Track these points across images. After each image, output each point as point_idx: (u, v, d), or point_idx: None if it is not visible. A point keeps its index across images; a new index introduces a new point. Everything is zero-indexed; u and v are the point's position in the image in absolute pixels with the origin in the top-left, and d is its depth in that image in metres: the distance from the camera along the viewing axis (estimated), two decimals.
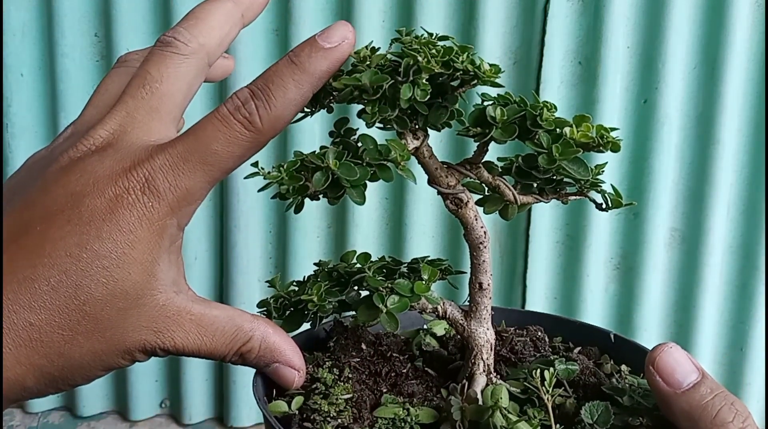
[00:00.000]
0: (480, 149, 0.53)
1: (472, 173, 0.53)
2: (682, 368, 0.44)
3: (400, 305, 0.50)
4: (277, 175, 0.47)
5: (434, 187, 0.53)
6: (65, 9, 1.37)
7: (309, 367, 0.54)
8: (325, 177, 0.47)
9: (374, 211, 1.46)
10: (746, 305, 1.46)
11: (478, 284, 0.54)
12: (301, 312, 0.53)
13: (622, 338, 0.59)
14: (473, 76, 0.49)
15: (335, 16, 1.38)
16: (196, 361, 1.55)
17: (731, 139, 1.37)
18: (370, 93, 0.48)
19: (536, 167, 0.51)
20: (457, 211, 0.53)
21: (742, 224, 1.44)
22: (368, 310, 0.50)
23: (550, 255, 1.46)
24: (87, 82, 1.42)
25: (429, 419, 0.50)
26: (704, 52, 1.35)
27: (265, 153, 1.43)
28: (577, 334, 0.61)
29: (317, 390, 0.51)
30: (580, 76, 1.37)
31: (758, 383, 1.48)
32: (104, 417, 1.61)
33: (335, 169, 0.47)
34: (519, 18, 1.36)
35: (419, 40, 0.49)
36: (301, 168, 0.48)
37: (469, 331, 0.54)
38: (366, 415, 0.49)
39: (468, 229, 0.54)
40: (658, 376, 0.44)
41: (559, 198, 0.55)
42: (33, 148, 1.45)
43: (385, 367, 0.54)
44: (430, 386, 0.54)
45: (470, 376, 0.53)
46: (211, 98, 1.42)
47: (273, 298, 0.56)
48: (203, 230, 1.48)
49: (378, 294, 0.50)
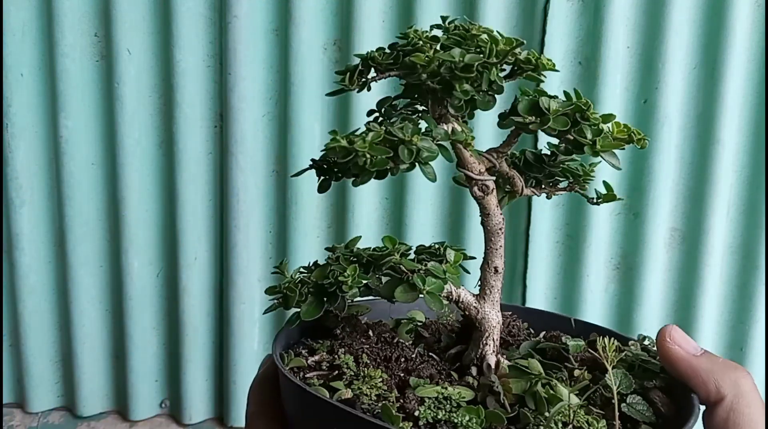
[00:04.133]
0: (509, 140, 0.55)
1: (497, 162, 0.55)
2: (690, 340, 0.53)
3: (437, 286, 0.51)
4: (362, 145, 0.46)
5: (464, 171, 0.54)
6: (65, 9, 1.37)
7: (324, 354, 0.54)
8: (408, 151, 0.47)
9: (374, 211, 1.46)
10: (746, 305, 1.46)
11: (494, 268, 0.56)
12: (324, 295, 0.53)
13: (582, 322, 0.63)
14: (534, 66, 0.52)
15: (335, 16, 1.38)
16: (196, 361, 1.55)
17: (731, 139, 1.37)
18: (461, 70, 0.49)
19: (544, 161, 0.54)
20: (483, 197, 0.55)
21: (742, 224, 1.44)
22: (408, 291, 0.51)
23: (550, 255, 1.46)
24: (87, 82, 1.42)
25: (469, 396, 0.51)
26: (704, 52, 1.35)
27: (264, 153, 1.43)
28: (539, 321, 0.64)
29: (345, 375, 0.52)
30: (580, 76, 1.37)
31: (758, 383, 1.48)
32: (104, 417, 1.61)
33: (417, 143, 0.47)
34: (519, 18, 1.36)
35: (477, 28, 0.51)
36: (383, 141, 0.48)
37: (483, 313, 0.55)
38: (410, 395, 0.50)
39: (489, 216, 0.55)
40: (675, 344, 0.52)
41: (549, 192, 0.58)
42: (33, 148, 1.45)
43: (395, 352, 0.56)
44: (440, 369, 0.55)
45: (482, 356, 0.55)
46: (211, 98, 1.43)
47: (288, 283, 0.55)
48: (203, 230, 1.48)
49: (418, 275, 0.51)
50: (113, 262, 1.52)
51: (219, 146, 1.45)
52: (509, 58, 0.51)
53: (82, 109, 1.43)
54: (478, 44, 0.50)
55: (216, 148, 1.45)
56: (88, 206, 1.48)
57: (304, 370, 0.54)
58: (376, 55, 0.51)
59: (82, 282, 1.51)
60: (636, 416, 0.50)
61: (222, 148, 1.44)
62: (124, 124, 1.42)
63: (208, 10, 1.39)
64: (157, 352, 1.57)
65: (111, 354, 1.59)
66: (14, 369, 1.61)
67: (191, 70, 1.39)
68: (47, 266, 1.53)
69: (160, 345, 1.57)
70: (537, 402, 0.49)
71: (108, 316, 1.56)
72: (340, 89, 0.52)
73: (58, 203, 1.48)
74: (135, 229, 1.47)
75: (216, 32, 1.40)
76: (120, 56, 1.39)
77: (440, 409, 0.49)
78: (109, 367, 1.59)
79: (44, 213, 1.50)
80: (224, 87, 1.40)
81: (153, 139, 1.45)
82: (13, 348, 1.59)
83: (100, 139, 1.46)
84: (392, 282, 0.53)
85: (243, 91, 1.39)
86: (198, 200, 1.46)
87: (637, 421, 0.50)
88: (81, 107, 1.43)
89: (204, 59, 1.40)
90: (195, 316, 1.52)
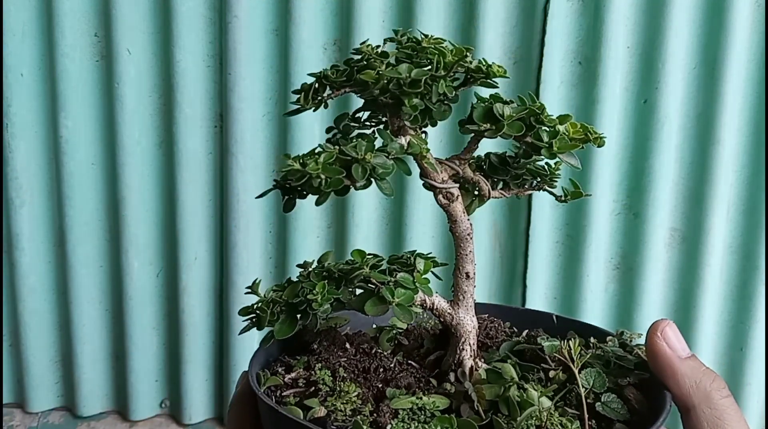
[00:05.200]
0: (470, 146, 0.55)
1: (460, 169, 0.56)
2: (682, 342, 0.52)
3: (407, 297, 0.51)
4: (314, 167, 0.47)
5: (427, 181, 0.54)
6: (65, 9, 1.37)
7: (301, 370, 0.54)
8: (362, 169, 0.48)
9: (374, 211, 1.46)
10: (746, 305, 1.46)
11: (465, 274, 0.56)
12: (296, 314, 0.54)
13: (564, 318, 0.63)
14: (484, 74, 0.52)
15: (335, 16, 1.38)
16: (196, 361, 1.55)
17: (731, 139, 1.37)
18: (409, 86, 0.49)
19: (509, 163, 0.55)
20: (448, 205, 0.55)
21: (742, 224, 1.44)
22: (378, 304, 0.51)
23: (550, 255, 1.46)
24: (87, 82, 1.42)
25: (444, 405, 0.51)
26: (704, 52, 1.35)
27: (264, 153, 1.43)
28: (521, 319, 0.64)
29: (321, 391, 0.52)
30: (580, 76, 1.37)
31: (758, 383, 1.48)
32: (104, 417, 1.61)
33: (370, 160, 0.48)
34: (519, 18, 1.36)
35: (428, 40, 0.51)
36: (336, 161, 0.48)
37: (458, 319, 0.55)
38: (384, 408, 0.50)
39: (456, 222, 0.56)
40: (663, 341, 0.51)
41: (518, 193, 0.58)
42: (33, 148, 1.45)
43: (372, 363, 0.56)
44: (418, 377, 0.55)
45: (459, 361, 0.55)
46: (211, 98, 1.43)
47: (260, 303, 0.56)
48: (203, 230, 1.48)
49: (387, 288, 0.51)
50: (113, 262, 1.52)
51: (219, 146, 1.45)
52: (459, 68, 0.51)
53: (82, 109, 1.43)
54: (428, 57, 0.51)
55: (216, 148, 1.45)
56: (88, 206, 1.48)
57: (281, 389, 0.54)
58: (329, 74, 0.51)
59: (82, 282, 1.51)
60: (611, 415, 0.50)
61: (222, 148, 1.44)
62: (124, 124, 1.42)
63: (208, 10, 1.39)
64: (157, 352, 1.57)
65: (111, 354, 1.59)
66: (14, 369, 1.61)
67: (191, 70, 1.40)
68: (47, 266, 1.53)
69: (160, 345, 1.57)
70: (510, 407, 0.50)
71: (108, 316, 1.56)
72: (296, 109, 0.52)
73: (58, 203, 1.48)
74: (135, 229, 1.47)
75: (216, 32, 1.40)
76: (120, 56, 1.39)
77: (414, 420, 0.49)
78: (109, 367, 1.59)
79: (44, 213, 1.50)
80: (224, 87, 1.40)
81: (153, 139, 1.45)
82: (13, 348, 1.59)
83: (100, 139, 1.46)
84: (363, 295, 0.53)
85: (243, 91, 1.39)
86: (198, 200, 1.46)
87: (612, 420, 0.50)
88: (81, 107, 1.43)
89: (204, 59, 1.40)
90: (195, 316, 1.52)
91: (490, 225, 1.45)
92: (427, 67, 0.50)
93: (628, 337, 0.58)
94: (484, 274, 1.47)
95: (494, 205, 1.44)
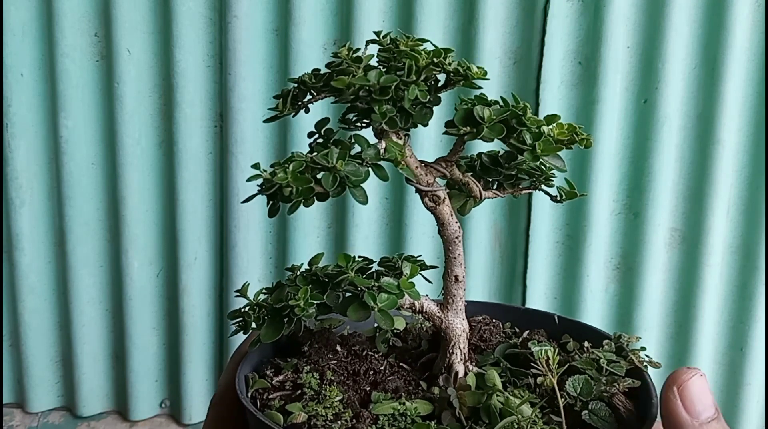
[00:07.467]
0: (456, 148, 0.54)
1: (447, 171, 0.55)
2: (704, 400, 0.44)
3: (389, 302, 0.51)
4: (283, 176, 0.46)
5: (413, 184, 0.54)
6: (65, 9, 1.37)
7: (289, 373, 0.54)
8: (332, 178, 0.47)
9: (374, 211, 1.46)
10: (746, 305, 1.46)
11: (454, 277, 0.55)
12: (282, 318, 0.53)
13: (566, 319, 0.62)
14: (463, 76, 0.50)
15: (335, 16, 1.38)
16: (196, 361, 1.55)
17: (731, 139, 1.37)
18: (378, 93, 0.48)
19: (500, 164, 0.53)
20: (435, 208, 0.54)
21: (742, 224, 1.44)
22: (360, 309, 0.51)
23: (550, 255, 1.46)
24: (87, 82, 1.42)
25: (426, 410, 0.51)
26: (704, 52, 1.35)
27: (264, 153, 1.43)
28: (522, 319, 0.63)
29: (306, 395, 0.51)
30: (580, 76, 1.37)
31: (758, 383, 1.48)
32: (104, 417, 1.61)
33: (341, 169, 0.47)
34: (519, 18, 1.36)
35: (406, 42, 0.50)
36: (306, 169, 0.47)
37: (447, 322, 0.55)
38: (365, 413, 0.50)
39: (444, 225, 0.55)
40: (679, 400, 0.44)
41: (513, 193, 0.57)
42: (33, 148, 1.45)
43: (362, 366, 0.55)
44: (408, 380, 0.55)
45: (449, 365, 0.54)
46: (211, 98, 1.43)
47: (248, 307, 0.55)
48: (203, 230, 1.48)
49: (369, 293, 0.50)
50: (113, 262, 1.52)
51: (219, 146, 1.45)
52: (436, 70, 0.50)
53: (82, 109, 1.43)
54: (403, 60, 0.50)
55: (216, 148, 1.45)
56: (88, 206, 1.48)
57: (268, 392, 0.53)
58: (307, 79, 0.51)
59: (82, 282, 1.51)
60: (596, 424, 0.48)
61: (222, 148, 1.44)
62: (124, 124, 1.42)
63: (208, 10, 1.39)
64: (157, 352, 1.57)
65: (111, 354, 1.59)
66: (14, 369, 1.61)
67: (191, 70, 1.39)
68: (47, 266, 1.53)
69: (160, 345, 1.57)
70: (490, 415, 0.49)
71: (108, 316, 1.56)
72: (275, 115, 0.51)
73: (58, 203, 1.48)
74: (135, 229, 1.47)
75: (216, 32, 1.40)
76: (120, 56, 1.39)
77: (393, 427, 0.48)
78: (109, 367, 1.59)
79: (44, 213, 1.50)
80: (224, 87, 1.40)
81: (153, 139, 1.45)
82: (13, 348, 1.59)
83: (100, 139, 1.46)
84: (347, 300, 0.52)
85: (243, 91, 1.39)
86: (198, 200, 1.46)
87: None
88: (81, 107, 1.43)
89: (204, 59, 1.40)
90: (195, 316, 1.52)
91: (490, 225, 1.45)
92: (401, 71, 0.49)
93: (626, 340, 0.57)
94: (484, 274, 1.47)
95: (494, 204, 1.44)
